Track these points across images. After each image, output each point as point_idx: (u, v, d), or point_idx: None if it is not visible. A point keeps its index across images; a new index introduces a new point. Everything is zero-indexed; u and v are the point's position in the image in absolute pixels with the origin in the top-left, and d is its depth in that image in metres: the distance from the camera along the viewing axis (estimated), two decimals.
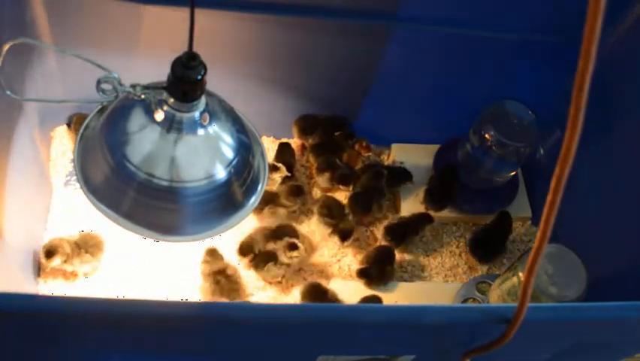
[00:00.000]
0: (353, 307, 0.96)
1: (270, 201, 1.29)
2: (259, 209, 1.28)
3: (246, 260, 1.23)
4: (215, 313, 0.70)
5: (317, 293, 1.20)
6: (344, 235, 1.28)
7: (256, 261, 1.23)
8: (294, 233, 1.27)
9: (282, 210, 1.29)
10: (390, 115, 1.39)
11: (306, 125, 1.37)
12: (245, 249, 1.24)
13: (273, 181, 1.28)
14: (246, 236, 1.26)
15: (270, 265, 1.22)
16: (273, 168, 1.27)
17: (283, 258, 1.22)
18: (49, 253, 1.14)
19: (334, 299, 1.21)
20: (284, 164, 1.30)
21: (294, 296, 1.26)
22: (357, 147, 1.39)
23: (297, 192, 1.29)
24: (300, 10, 1.16)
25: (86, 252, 1.17)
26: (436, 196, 1.35)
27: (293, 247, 1.21)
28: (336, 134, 1.37)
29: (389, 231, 1.31)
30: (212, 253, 1.21)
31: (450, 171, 1.36)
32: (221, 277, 1.19)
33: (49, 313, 0.67)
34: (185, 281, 1.23)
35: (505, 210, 1.35)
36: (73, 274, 1.20)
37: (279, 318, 0.71)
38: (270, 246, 1.24)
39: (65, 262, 1.16)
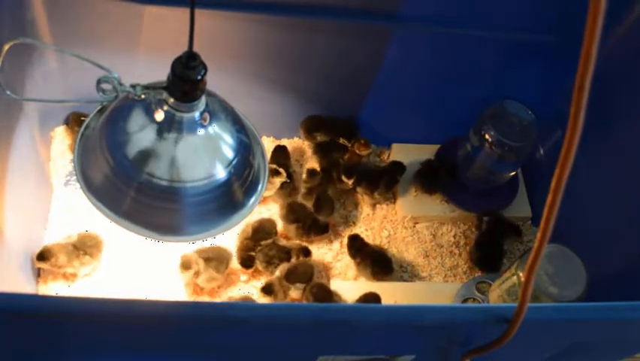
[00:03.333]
0: (353, 307, 0.96)
1: None
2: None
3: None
4: (215, 314, 0.70)
5: (322, 293, 1.20)
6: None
7: (269, 255, 1.23)
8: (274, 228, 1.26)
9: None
10: (390, 115, 1.38)
11: (312, 126, 1.37)
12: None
13: (272, 185, 1.28)
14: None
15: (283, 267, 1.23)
16: (275, 173, 1.27)
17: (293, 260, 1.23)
18: (41, 256, 1.14)
19: (339, 300, 1.21)
20: (279, 166, 1.29)
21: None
22: (355, 146, 1.38)
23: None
24: (300, 10, 1.16)
25: (85, 253, 1.17)
26: (426, 180, 1.37)
27: (307, 252, 1.24)
28: (343, 138, 1.36)
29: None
30: (185, 265, 1.19)
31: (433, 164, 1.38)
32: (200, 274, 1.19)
33: (49, 313, 0.67)
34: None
35: (500, 213, 1.36)
36: (73, 275, 1.20)
37: (279, 318, 0.71)
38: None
39: (60, 268, 1.16)
